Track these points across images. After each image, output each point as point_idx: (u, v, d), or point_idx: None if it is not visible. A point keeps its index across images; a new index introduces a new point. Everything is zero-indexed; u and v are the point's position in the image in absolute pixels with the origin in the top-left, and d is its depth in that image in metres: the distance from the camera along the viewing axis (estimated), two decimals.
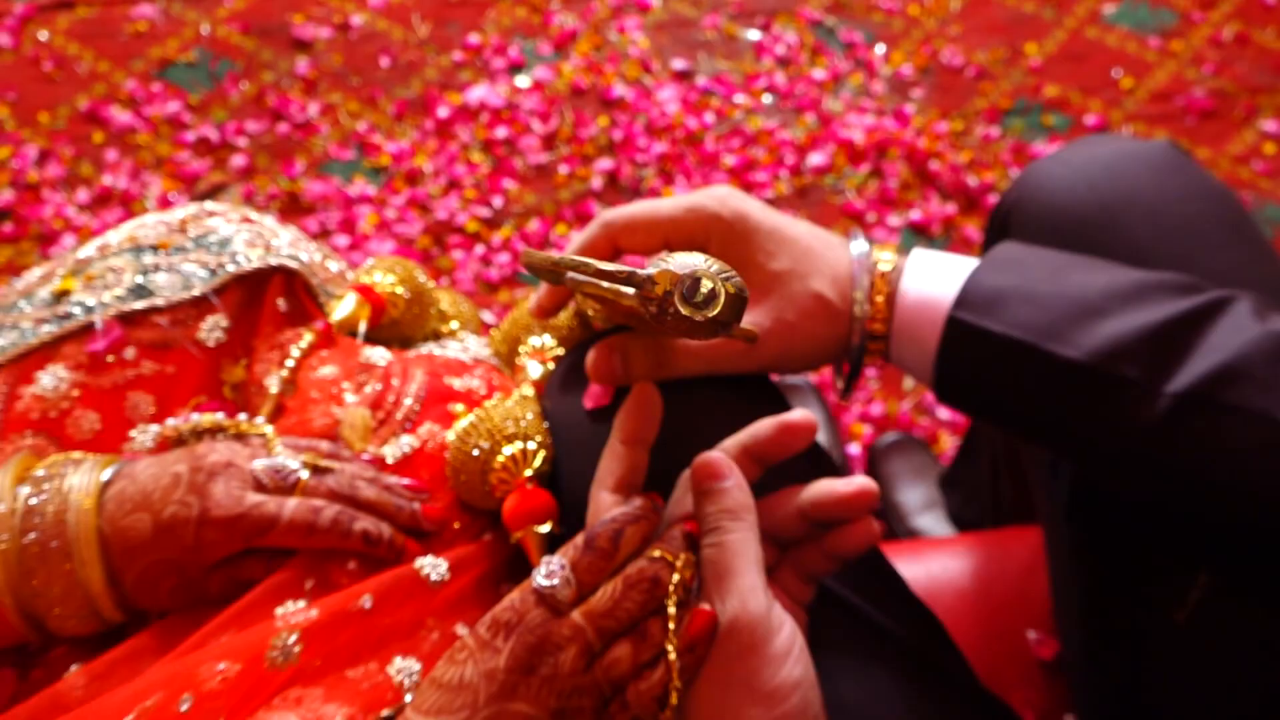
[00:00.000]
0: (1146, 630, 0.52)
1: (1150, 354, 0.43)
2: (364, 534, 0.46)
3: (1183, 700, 0.51)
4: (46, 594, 0.43)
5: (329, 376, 0.53)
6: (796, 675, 0.40)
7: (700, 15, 1.54)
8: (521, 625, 0.41)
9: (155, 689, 0.39)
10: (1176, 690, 0.51)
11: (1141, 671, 0.52)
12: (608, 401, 0.50)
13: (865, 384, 1.21)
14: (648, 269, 0.37)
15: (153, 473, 0.45)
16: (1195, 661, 0.50)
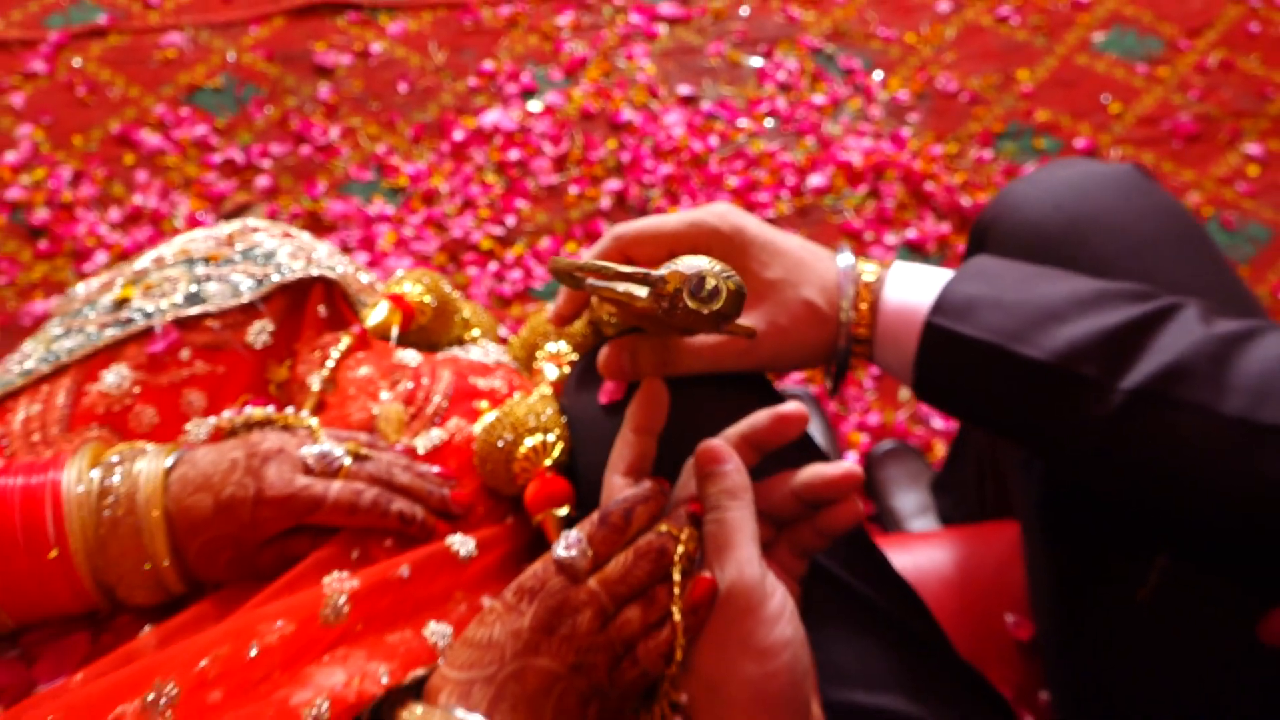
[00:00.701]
0: (1112, 610, 0.56)
1: (1106, 354, 0.48)
2: (400, 514, 0.51)
3: (1147, 673, 0.55)
4: (118, 566, 0.48)
5: (365, 376, 0.58)
6: (787, 635, 0.45)
7: (705, 43, 1.60)
8: (543, 591, 0.46)
9: (225, 640, 0.44)
10: (1141, 664, 0.56)
11: (1109, 648, 0.57)
12: (620, 397, 0.55)
13: (863, 395, 1.26)
14: (660, 270, 0.42)
15: (212, 458, 0.50)
16: (1157, 637, 0.55)
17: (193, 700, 0.42)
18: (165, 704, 0.41)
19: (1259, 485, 0.45)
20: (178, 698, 0.42)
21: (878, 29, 1.61)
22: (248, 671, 0.44)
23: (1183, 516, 0.49)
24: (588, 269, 0.45)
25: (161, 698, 0.41)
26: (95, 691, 0.42)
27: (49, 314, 0.66)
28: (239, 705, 0.43)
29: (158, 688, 0.42)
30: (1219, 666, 0.53)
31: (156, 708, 0.41)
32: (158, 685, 0.42)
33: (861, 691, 0.51)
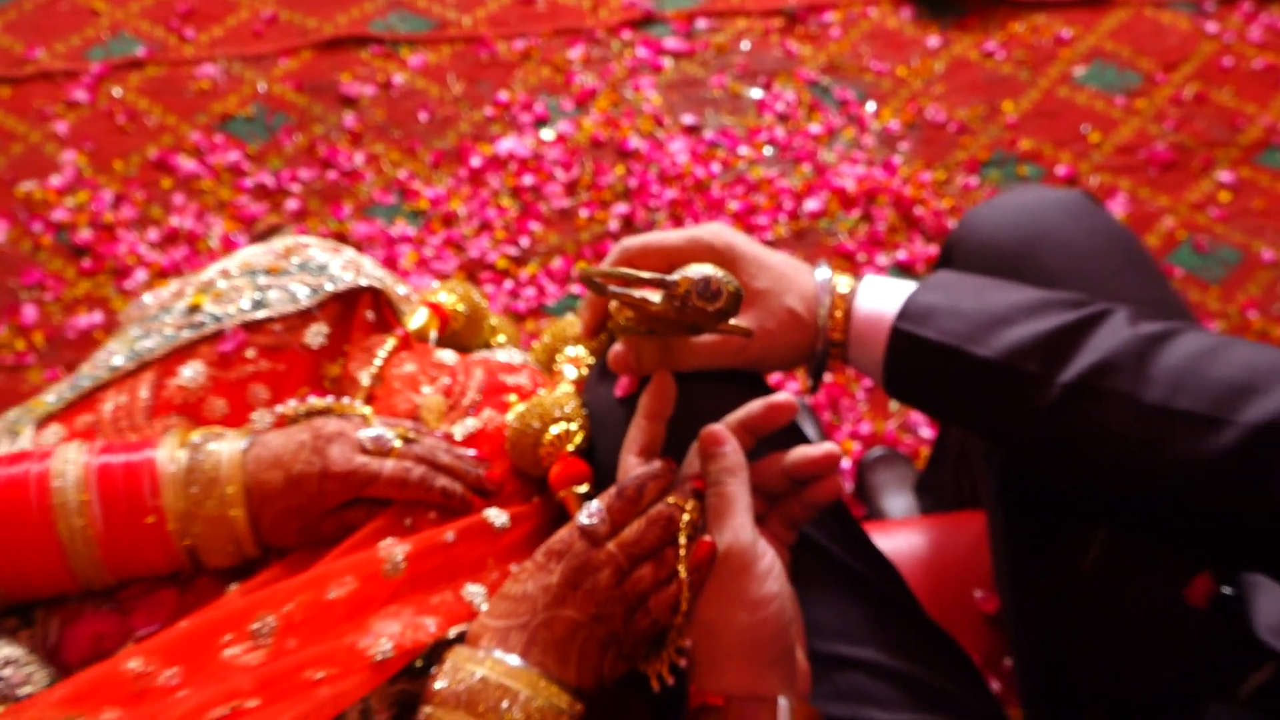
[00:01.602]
0: (1060, 581, 0.64)
1: (1046, 353, 0.56)
2: (443, 489, 0.59)
3: (1091, 636, 0.63)
4: (203, 531, 0.56)
5: (409, 373, 0.67)
6: (774, 590, 0.53)
7: (708, 75, 1.69)
8: (569, 553, 0.54)
9: (305, 589, 0.52)
10: (1086, 628, 0.63)
11: (1057, 616, 0.65)
12: (633, 390, 0.63)
13: (855, 406, 1.34)
14: (673, 275, 0.51)
15: (282, 440, 0.58)
16: (1098, 603, 0.63)
17: (281, 636, 0.50)
18: (267, 633, 0.50)
19: (1175, 462, 0.53)
20: (275, 629, 0.50)
21: (870, 63, 1.71)
22: (323, 616, 0.52)
23: (1114, 492, 0.57)
24: (613, 275, 0.54)
25: (264, 627, 0.50)
26: (204, 623, 0.50)
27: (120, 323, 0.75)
28: (313, 646, 0.51)
29: (260, 619, 0.50)
30: (1152, 627, 0.61)
31: (259, 635, 0.49)
32: (260, 617, 0.50)
33: (842, 644, 0.59)
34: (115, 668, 0.49)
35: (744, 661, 0.53)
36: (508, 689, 0.50)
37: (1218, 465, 0.52)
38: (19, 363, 1.37)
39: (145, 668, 0.49)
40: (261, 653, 0.50)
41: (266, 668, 0.49)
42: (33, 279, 1.43)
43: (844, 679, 0.58)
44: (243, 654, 0.50)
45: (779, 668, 0.53)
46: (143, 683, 0.48)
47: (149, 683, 0.48)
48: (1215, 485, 0.53)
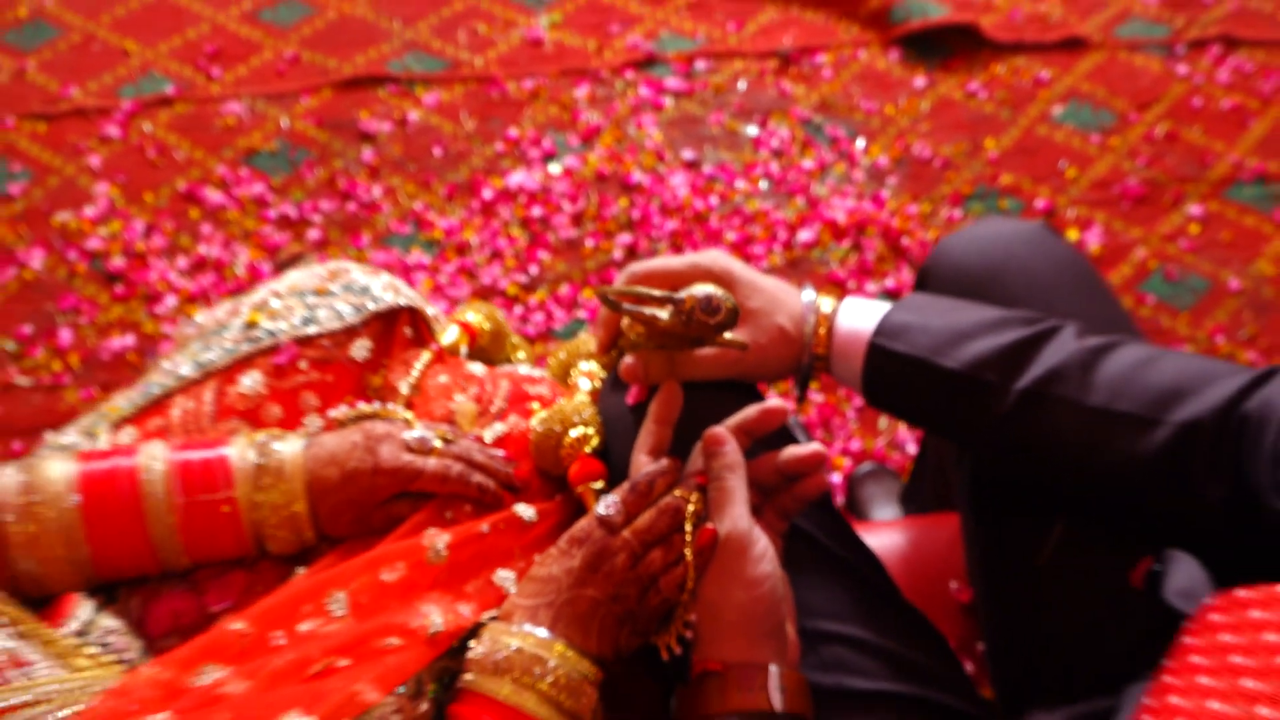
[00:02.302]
0: (1022, 572, 0.72)
1: (1003, 364, 0.64)
2: (479, 485, 0.67)
3: (1050, 619, 0.71)
4: (270, 522, 0.64)
5: (443, 383, 0.75)
6: (768, 571, 0.61)
7: (706, 113, 1.79)
8: (589, 540, 0.62)
9: (362, 570, 0.60)
10: (1045, 612, 0.71)
11: (1021, 602, 0.72)
12: (643, 399, 0.71)
13: (846, 424, 1.42)
14: (680, 294, 0.59)
15: (337, 441, 0.66)
16: (1056, 590, 0.70)
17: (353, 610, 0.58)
18: (339, 607, 0.57)
19: (1116, 458, 0.62)
20: (347, 603, 0.57)
21: (860, 102, 1.80)
22: (379, 596, 0.60)
23: (1066, 486, 0.65)
24: (627, 294, 0.62)
25: (336, 602, 0.57)
26: (282, 599, 0.58)
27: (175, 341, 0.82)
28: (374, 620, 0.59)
29: (333, 595, 0.58)
30: (1102, 608, 0.68)
31: (332, 609, 0.57)
32: (332, 594, 0.58)
33: (828, 622, 0.67)
34: (223, 629, 0.57)
35: (741, 633, 0.60)
36: (539, 657, 0.58)
37: (1153, 459, 0.60)
38: (56, 383, 1.45)
39: (248, 629, 0.57)
40: (338, 624, 0.57)
41: (348, 633, 0.57)
42: (68, 304, 1.52)
43: (829, 651, 0.66)
44: (320, 625, 0.57)
45: (771, 640, 0.61)
46: (247, 641, 0.56)
47: (253, 642, 0.56)
48: (1151, 476, 0.61)
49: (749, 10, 1.95)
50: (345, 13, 1.93)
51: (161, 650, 0.61)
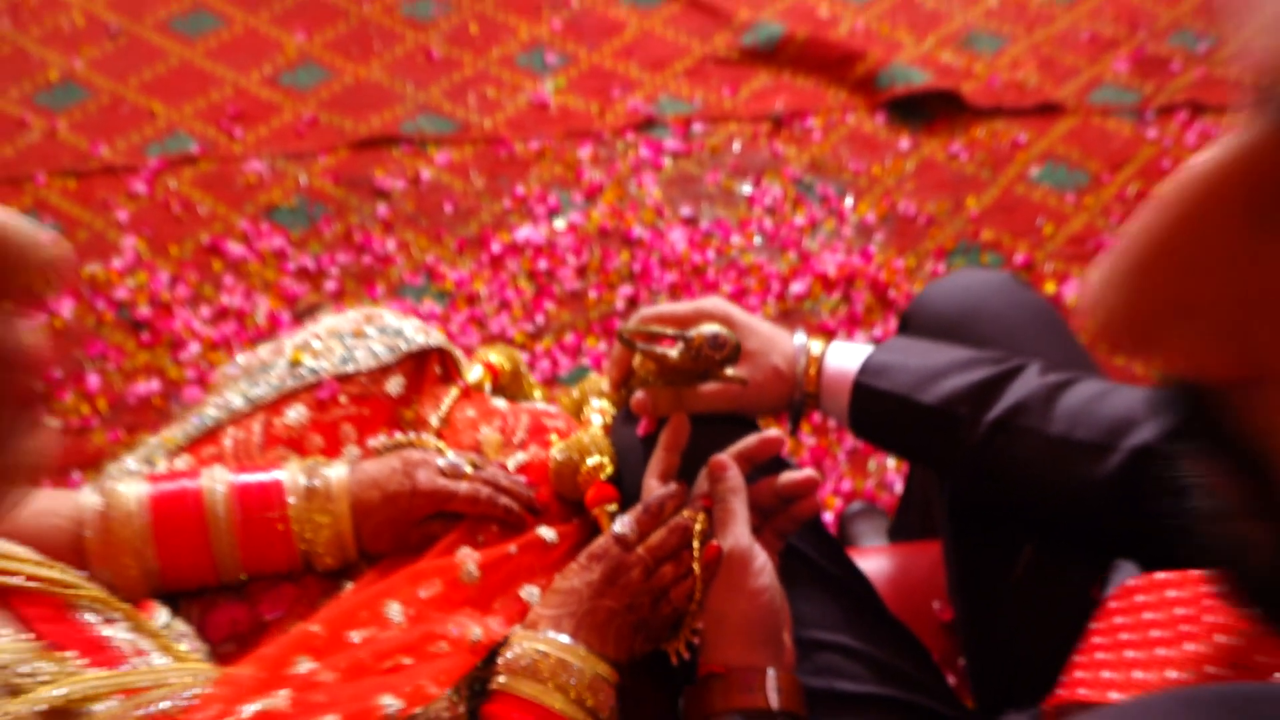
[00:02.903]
0: (997, 590, 0.79)
1: (974, 399, 0.72)
2: (505, 506, 0.74)
3: (1021, 634, 0.78)
4: (319, 539, 0.71)
5: (469, 416, 0.82)
6: (767, 584, 0.68)
7: (703, 173, 1.89)
8: (607, 556, 0.69)
9: (404, 585, 0.67)
10: (1017, 627, 0.78)
11: (995, 619, 0.79)
12: (652, 430, 0.79)
13: (838, 466, 1.49)
14: (690, 332, 0.67)
15: (377, 466, 0.74)
16: (1026, 606, 0.77)
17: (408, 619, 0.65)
18: (397, 615, 0.64)
19: (1076, 482, 0.69)
20: (402, 614, 0.64)
21: (849, 162, 1.91)
22: (420, 609, 0.66)
23: (1032, 509, 0.73)
24: (642, 332, 0.70)
25: (392, 611, 0.64)
26: (346, 607, 0.65)
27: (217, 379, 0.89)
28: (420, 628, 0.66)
29: (388, 605, 0.64)
30: (1067, 622, 0.75)
31: (391, 616, 0.64)
32: (387, 604, 0.65)
33: (820, 631, 0.73)
34: (304, 629, 0.64)
35: (742, 640, 0.67)
36: (564, 661, 0.64)
37: (1108, 482, 0.68)
38: (84, 426, 1.51)
39: (323, 631, 0.63)
40: (395, 630, 0.64)
41: (406, 637, 0.63)
42: (96, 351, 1.59)
43: (821, 658, 0.72)
44: (378, 631, 0.64)
45: (769, 646, 0.67)
46: (323, 640, 0.63)
47: (328, 641, 0.62)
48: (1107, 498, 0.68)
49: (743, 76, 2.07)
50: (361, 77, 2.04)
51: (220, 656, 0.68)
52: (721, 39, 2.12)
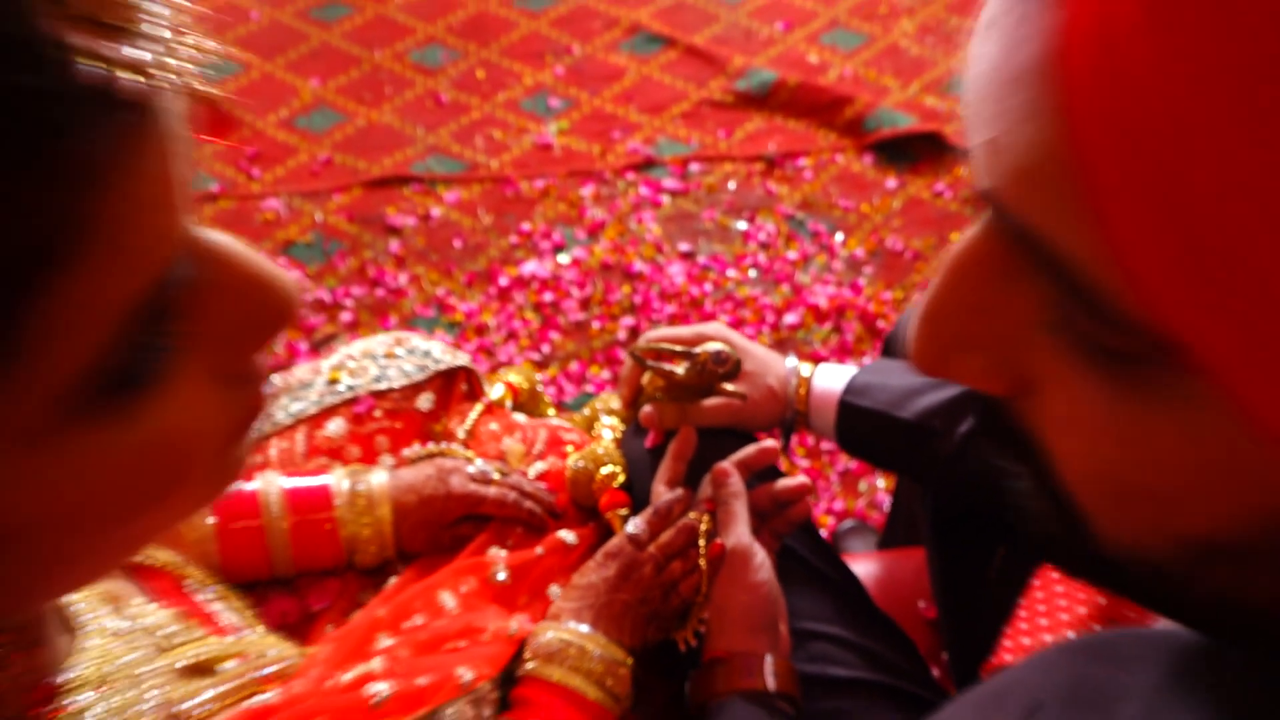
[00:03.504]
0: (975, 589, 0.86)
1: (947, 414, 0.80)
2: (529, 510, 0.82)
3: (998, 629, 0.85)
4: (361, 538, 0.78)
5: (493, 429, 0.90)
6: (765, 578, 0.76)
7: (700, 210, 1.99)
8: (621, 554, 0.76)
9: (445, 582, 0.74)
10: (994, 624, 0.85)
11: (974, 614, 0.87)
12: (659, 443, 0.87)
13: (830, 486, 1.57)
14: (696, 350, 0.76)
15: (414, 473, 0.81)
16: (1001, 604, 0.85)
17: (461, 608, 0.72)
18: (450, 603, 0.71)
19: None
20: (455, 602, 0.72)
21: (838, 200, 2.01)
22: (465, 600, 0.74)
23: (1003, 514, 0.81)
24: (652, 350, 0.79)
25: (445, 600, 0.72)
26: (402, 598, 0.72)
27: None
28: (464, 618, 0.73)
29: (441, 595, 0.72)
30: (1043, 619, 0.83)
31: (445, 604, 0.71)
32: (440, 594, 0.72)
33: (813, 623, 0.81)
34: (374, 615, 0.71)
35: (743, 628, 0.75)
36: (585, 648, 0.72)
37: None
38: None
39: (389, 617, 0.71)
40: (446, 618, 0.71)
41: (458, 624, 0.70)
42: None
43: (814, 647, 0.80)
44: (431, 619, 0.71)
45: (767, 634, 0.75)
46: (387, 623, 0.70)
47: (395, 624, 0.70)
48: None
49: (737, 119, 2.17)
50: (373, 120, 2.14)
51: None
52: (717, 84, 2.23)
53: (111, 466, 0.29)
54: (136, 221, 0.27)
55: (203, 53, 0.28)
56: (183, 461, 0.32)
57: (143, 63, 0.26)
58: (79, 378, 0.27)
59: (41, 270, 0.25)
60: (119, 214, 0.26)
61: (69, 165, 0.25)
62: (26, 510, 0.28)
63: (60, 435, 0.28)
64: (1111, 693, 0.38)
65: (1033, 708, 0.42)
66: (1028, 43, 0.26)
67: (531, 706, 0.69)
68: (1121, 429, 0.28)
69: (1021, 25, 0.26)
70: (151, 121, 0.27)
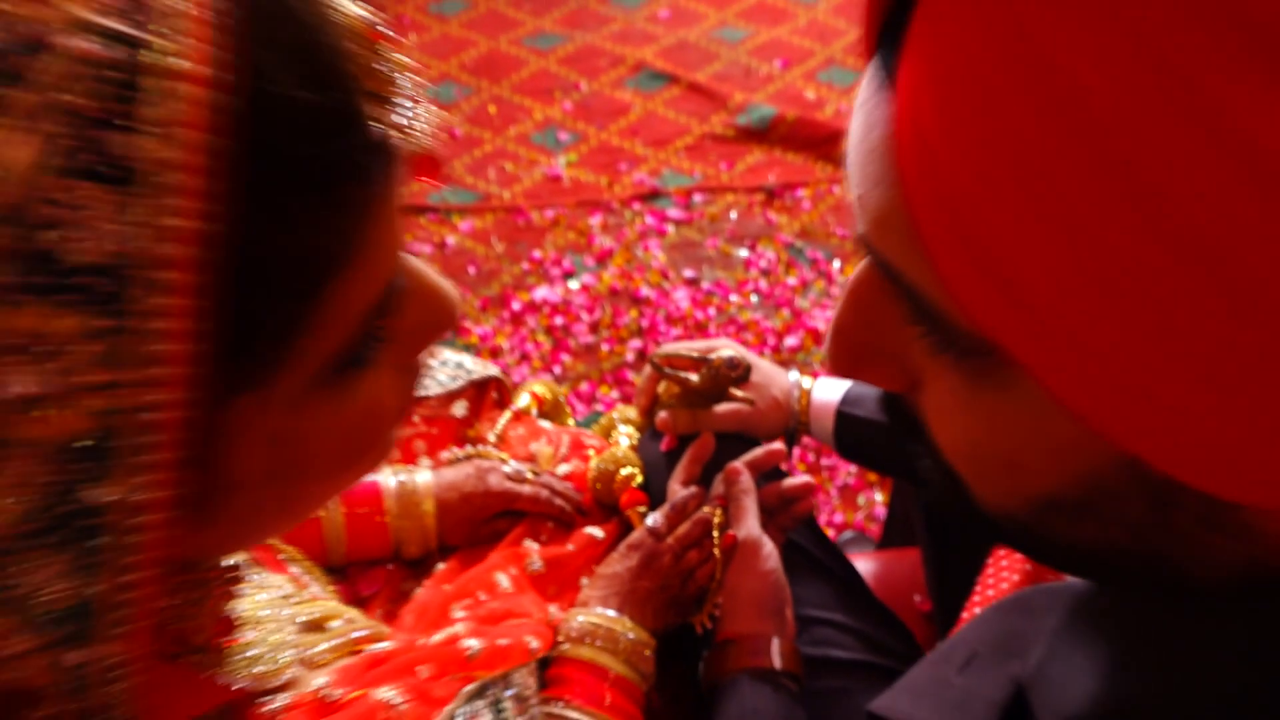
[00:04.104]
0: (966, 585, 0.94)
1: None
2: (560, 507, 0.90)
3: None
4: (407, 531, 0.86)
5: (521, 434, 0.98)
6: (773, 567, 0.83)
7: (704, 239, 2.08)
8: (643, 545, 0.84)
9: (497, 565, 0.82)
10: None
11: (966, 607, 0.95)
12: (673, 446, 0.95)
13: (830, 500, 1.65)
14: (711, 355, 0.84)
15: (455, 472, 0.89)
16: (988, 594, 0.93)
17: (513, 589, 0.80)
18: (506, 584, 0.79)
19: None
20: (509, 582, 0.80)
21: (836, 229, 2.10)
22: (514, 583, 0.82)
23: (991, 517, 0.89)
24: (671, 357, 0.87)
25: (503, 581, 0.79)
26: (467, 580, 0.79)
27: None
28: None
29: (496, 576, 0.80)
30: None
31: (501, 586, 0.79)
32: (495, 575, 0.80)
33: (816, 610, 0.89)
34: (443, 591, 0.79)
35: (752, 612, 0.82)
36: (613, 630, 0.79)
37: None
38: None
39: (455, 594, 0.78)
40: (500, 599, 0.79)
41: (511, 605, 0.78)
42: None
43: (817, 631, 0.88)
44: (490, 599, 0.79)
45: (774, 618, 0.82)
46: (452, 598, 0.78)
47: (466, 598, 0.78)
48: None
49: (738, 152, 2.27)
50: None
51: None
52: (718, 119, 2.33)
53: (331, 430, 0.38)
54: (385, 240, 0.36)
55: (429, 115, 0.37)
56: (376, 431, 0.41)
57: (402, 124, 0.35)
58: (333, 357, 0.36)
59: (330, 277, 0.34)
60: (377, 235, 0.35)
61: (357, 200, 0.34)
62: (267, 463, 0.36)
63: (307, 402, 0.36)
64: (1027, 638, 0.47)
65: (970, 658, 0.50)
66: (878, 125, 0.34)
67: (569, 683, 0.77)
68: (977, 412, 0.36)
69: (875, 110, 0.34)
70: (400, 165, 0.36)
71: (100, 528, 0.29)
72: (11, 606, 0.29)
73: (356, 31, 0.33)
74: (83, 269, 0.26)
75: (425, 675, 0.58)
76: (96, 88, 0.26)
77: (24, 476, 0.27)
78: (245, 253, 0.30)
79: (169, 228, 0.27)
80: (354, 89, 0.33)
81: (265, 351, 0.33)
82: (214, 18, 0.28)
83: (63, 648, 0.30)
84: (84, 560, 0.29)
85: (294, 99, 0.31)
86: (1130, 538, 0.36)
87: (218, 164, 0.28)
